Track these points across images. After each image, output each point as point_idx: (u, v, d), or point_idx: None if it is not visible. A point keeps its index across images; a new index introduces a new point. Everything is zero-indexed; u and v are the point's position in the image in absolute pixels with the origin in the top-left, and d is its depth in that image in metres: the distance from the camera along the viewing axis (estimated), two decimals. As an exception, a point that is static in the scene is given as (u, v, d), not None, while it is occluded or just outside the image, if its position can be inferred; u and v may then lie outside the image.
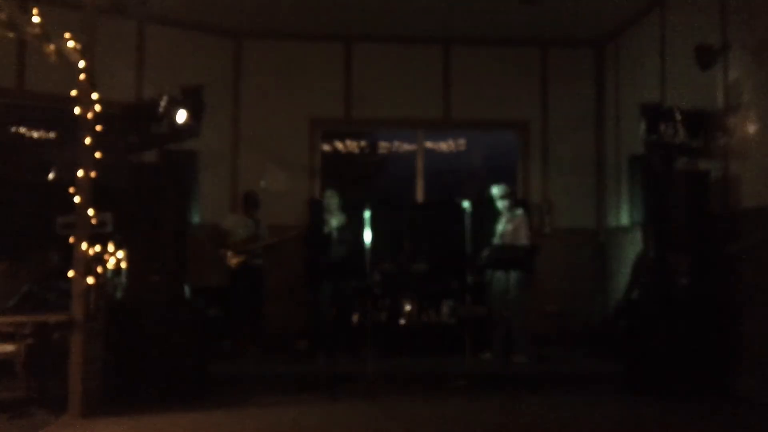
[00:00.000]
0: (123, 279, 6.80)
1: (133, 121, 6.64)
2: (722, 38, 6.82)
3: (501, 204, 8.08)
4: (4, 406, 5.80)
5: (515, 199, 8.58)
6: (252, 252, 8.35)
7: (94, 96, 5.86)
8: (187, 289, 6.78)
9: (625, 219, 8.93)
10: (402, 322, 8.57)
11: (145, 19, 8.55)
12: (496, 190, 8.11)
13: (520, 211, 8.12)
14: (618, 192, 9.12)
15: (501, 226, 8.03)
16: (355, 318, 8.44)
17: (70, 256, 5.77)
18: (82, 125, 5.83)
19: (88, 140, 5.82)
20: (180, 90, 6.65)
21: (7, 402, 5.91)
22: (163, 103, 6.39)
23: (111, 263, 6.72)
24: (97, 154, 5.86)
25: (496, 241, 7.97)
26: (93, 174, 5.81)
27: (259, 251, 8.41)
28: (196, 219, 8.43)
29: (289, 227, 8.73)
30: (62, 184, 6.07)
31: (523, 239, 7.91)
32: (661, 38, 8.11)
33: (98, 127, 5.88)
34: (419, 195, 9.96)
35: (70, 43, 5.68)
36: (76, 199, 5.75)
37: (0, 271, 6.71)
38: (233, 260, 8.33)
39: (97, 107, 5.87)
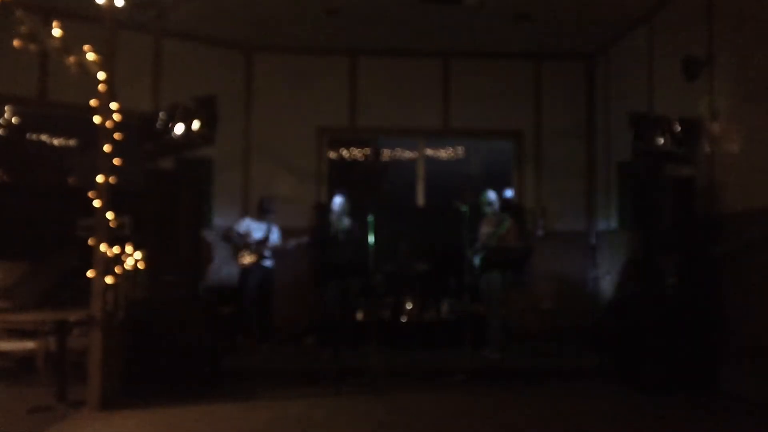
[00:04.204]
0: (140, 278, 6.74)
1: (150, 130, 6.59)
2: (708, 50, 6.77)
3: (492, 209, 7.97)
4: (25, 399, 5.75)
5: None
6: (262, 253, 8.31)
7: (113, 106, 5.81)
8: (200, 288, 6.72)
9: (614, 222, 8.87)
10: (404, 319, 8.51)
11: (161, 33, 8.52)
12: (493, 196, 8.01)
13: (507, 216, 8.03)
14: (608, 197, 9.06)
15: (490, 229, 7.90)
16: (359, 315, 8.39)
17: (89, 257, 5.72)
18: (102, 133, 5.78)
19: (107, 147, 5.76)
20: (193, 100, 6.61)
21: (28, 395, 5.85)
22: (162, 117, 6.36)
23: (129, 264, 6.67)
24: (116, 161, 5.81)
25: (488, 243, 7.84)
26: (112, 179, 5.76)
27: (269, 253, 8.37)
28: (209, 222, 8.40)
29: (298, 230, 8.70)
30: (82, 189, 6.02)
31: (514, 241, 7.84)
32: (649, 51, 8.05)
33: (117, 135, 5.83)
34: (420, 199, 9.91)
35: (90, 56, 5.63)
36: (96, 203, 5.70)
37: (22, 271, 6.67)
38: (245, 260, 8.29)
39: (116, 116, 5.82)
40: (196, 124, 6.42)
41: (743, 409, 5.75)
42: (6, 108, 8.09)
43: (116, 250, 5.85)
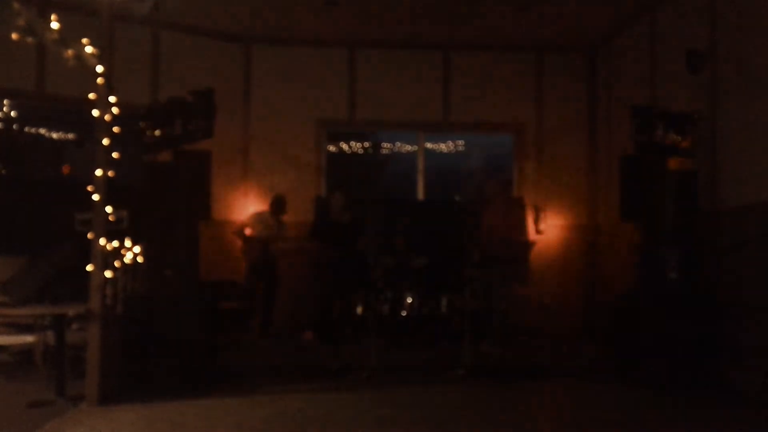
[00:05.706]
0: (139, 273, 6.76)
1: (148, 123, 6.60)
2: (710, 43, 6.77)
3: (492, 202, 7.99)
4: (23, 393, 5.78)
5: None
6: (268, 249, 8.34)
7: (112, 99, 5.82)
8: (199, 283, 6.74)
9: (616, 216, 8.86)
10: (403, 314, 8.52)
11: (159, 25, 8.53)
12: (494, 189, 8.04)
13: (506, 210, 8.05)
14: (609, 190, 9.07)
15: (490, 222, 7.92)
16: (358, 310, 8.41)
17: (88, 251, 5.74)
18: (100, 127, 5.79)
19: (105, 141, 5.78)
20: (192, 93, 6.63)
21: (26, 390, 5.88)
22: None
23: (128, 258, 6.69)
24: (115, 154, 5.82)
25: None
26: (110, 173, 5.77)
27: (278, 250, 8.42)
28: (208, 216, 8.41)
29: (297, 223, 8.73)
30: (80, 182, 6.03)
31: (521, 234, 7.86)
32: (651, 43, 8.05)
33: (115, 129, 5.85)
34: (420, 193, 9.92)
35: (88, 48, 5.63)
36: (95, 197, 5.71)
37: (20, 265, 6.69)
38: (250, 254, 8.32)
39: (115, 109, 5.83)
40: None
41: (746, 406, 5.75)
42: (4, 101, 8.10)
43: (115, 244, 5.87)
